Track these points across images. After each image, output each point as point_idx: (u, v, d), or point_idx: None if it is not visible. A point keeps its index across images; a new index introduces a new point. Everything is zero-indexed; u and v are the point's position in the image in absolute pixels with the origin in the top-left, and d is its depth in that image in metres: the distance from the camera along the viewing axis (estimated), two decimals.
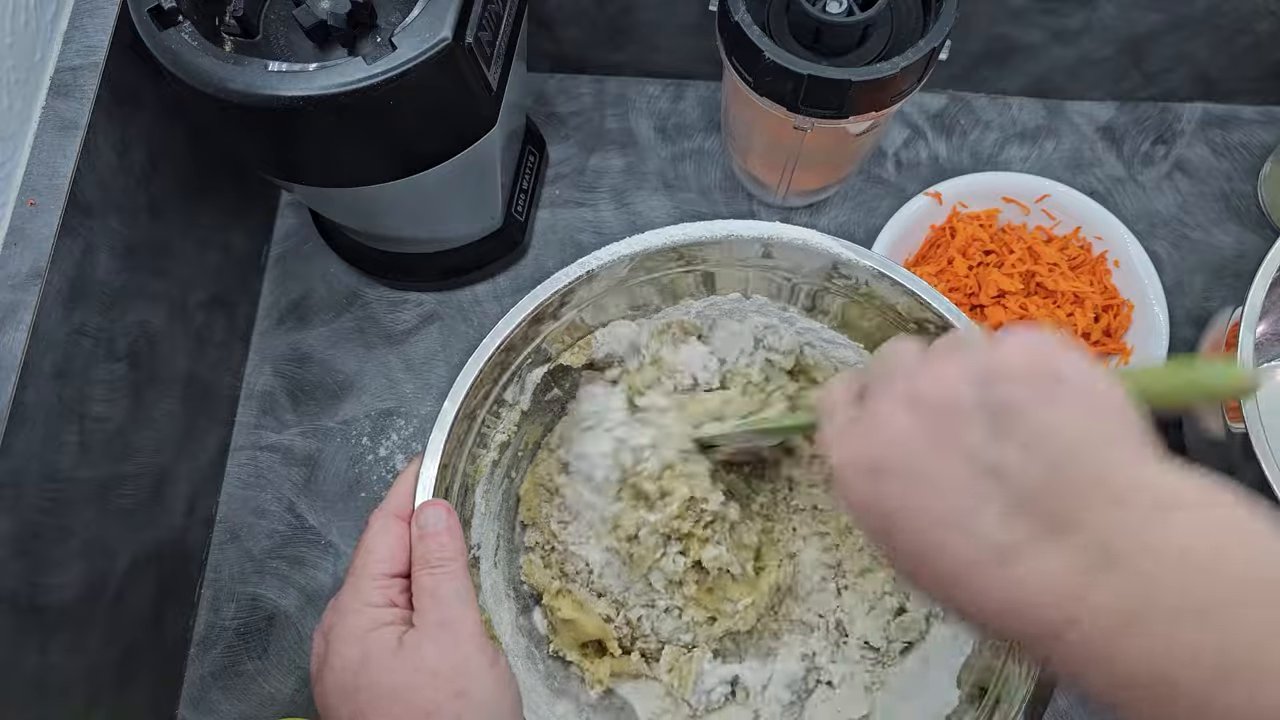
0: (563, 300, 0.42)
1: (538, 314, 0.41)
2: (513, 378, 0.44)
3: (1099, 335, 0.54)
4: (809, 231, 0.42)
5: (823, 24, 0.45)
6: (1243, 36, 0.59)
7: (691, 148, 0.64)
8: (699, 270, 0.45)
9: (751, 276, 0.45)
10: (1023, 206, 0.57)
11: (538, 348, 0.44)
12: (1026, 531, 0.24)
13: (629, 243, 0.42)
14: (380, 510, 0.37)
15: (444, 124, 0.44)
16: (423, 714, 0.31)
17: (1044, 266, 0.54)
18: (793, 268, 0.44)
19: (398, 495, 0.37)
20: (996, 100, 0.65)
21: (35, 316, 0.39)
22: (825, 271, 0.43)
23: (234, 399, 0.58)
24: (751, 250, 0.43)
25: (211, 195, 0.54)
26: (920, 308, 0.41)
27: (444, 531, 0.35)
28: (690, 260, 0.44)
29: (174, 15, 0.39)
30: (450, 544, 0.35)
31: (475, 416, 0.42)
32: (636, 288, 0.45)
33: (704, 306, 0.47)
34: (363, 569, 0.35)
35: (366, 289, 0.60)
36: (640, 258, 0.42)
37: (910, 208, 0.57)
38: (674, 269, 0.44)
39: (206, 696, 0.52)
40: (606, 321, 0.47)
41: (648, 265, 0.43)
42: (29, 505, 0.40)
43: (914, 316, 0.42)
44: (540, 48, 0.62)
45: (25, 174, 0.42)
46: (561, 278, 0.41)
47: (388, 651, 0.32)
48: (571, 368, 0.47)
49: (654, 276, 0.45)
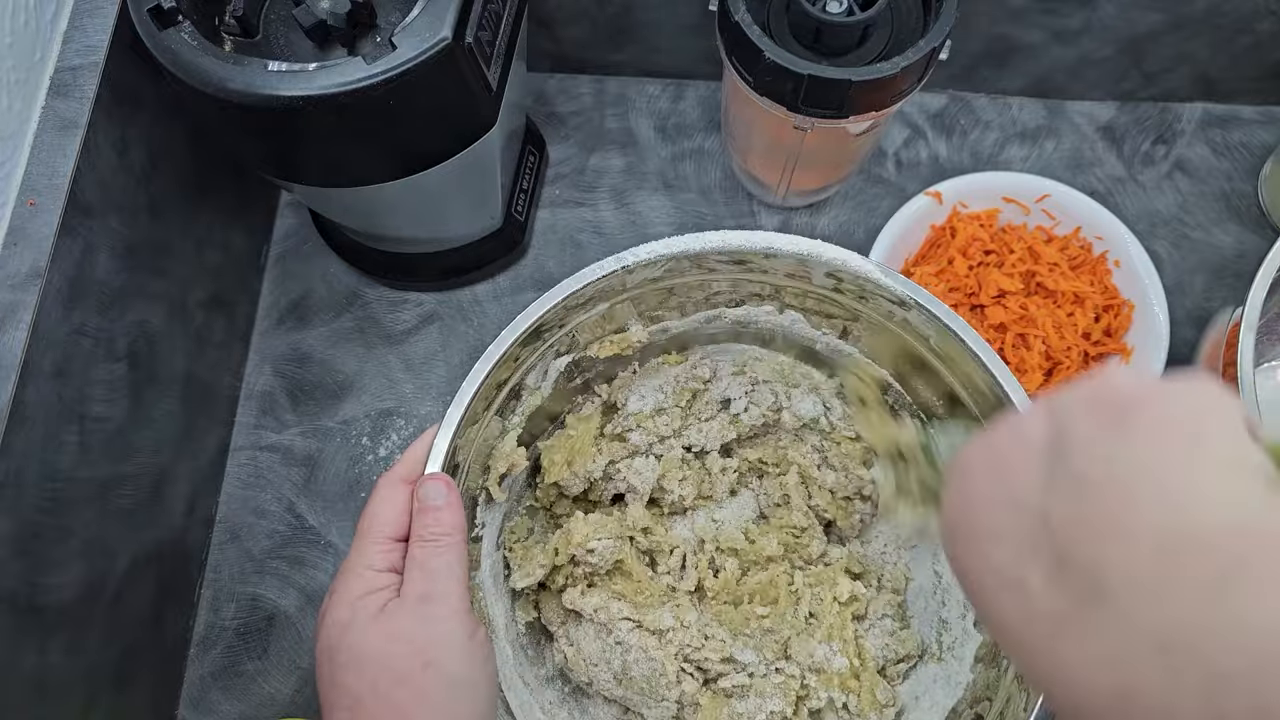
0: (599, 292, 0.41)
1: (568, 302, 0.40)
2: (536, 362, 0.43)
3: (1099, 335, 0.54)
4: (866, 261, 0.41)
5: (823, 24, 0.45)
6: (1243, 36, 0.59)
7: (691, 148, 0.64)
8: (756, 281, 0.44)
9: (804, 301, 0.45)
10: (1023, 206, 0.57)
11: (567, 335, 0.44)
12: (1069, 597, 0.20)
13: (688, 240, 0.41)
14: (389, 475, 0.37)
15: (444, 124, 0.44)
16: (391, 681, 0.31)
17: (1044, 266, 0.54)
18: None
19: (409, 460, 0.37)
20: (996, 100, 0.65)
21: (35, 316, 0.39)
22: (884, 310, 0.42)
23: (234, 399, 0.58)
24: (819, 277, 0.42)
25: (211, 195, 0.54)
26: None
27: (443, 507, 0.36)
28: (750, 268, 0.43)
29: (174, 15, 0.39)
30: (448, 519, 0.35)
31: (491, 400, 0.42)
32: (668, 292, 0.44)
33: (740, 315, 0.47)
34: (366, 531, 0.35)
35: (366, 289, 0.60)
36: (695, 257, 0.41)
37: (910, 207, 0.56)
38: (730, 273, 0.44)
39: (206, 696, 0.52)
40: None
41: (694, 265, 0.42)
42: (29, 505, 0.40)
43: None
44: (540, 48, 0.62)
45: (25, 174, 0.42)
46: (605, 265, 0.40)
47: (369, 617, 0.33)
48: (597, 359, 0.47)
49: (700, 278, 0.44)
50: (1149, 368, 0.52)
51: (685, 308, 0.46)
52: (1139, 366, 0.53)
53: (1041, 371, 0.53)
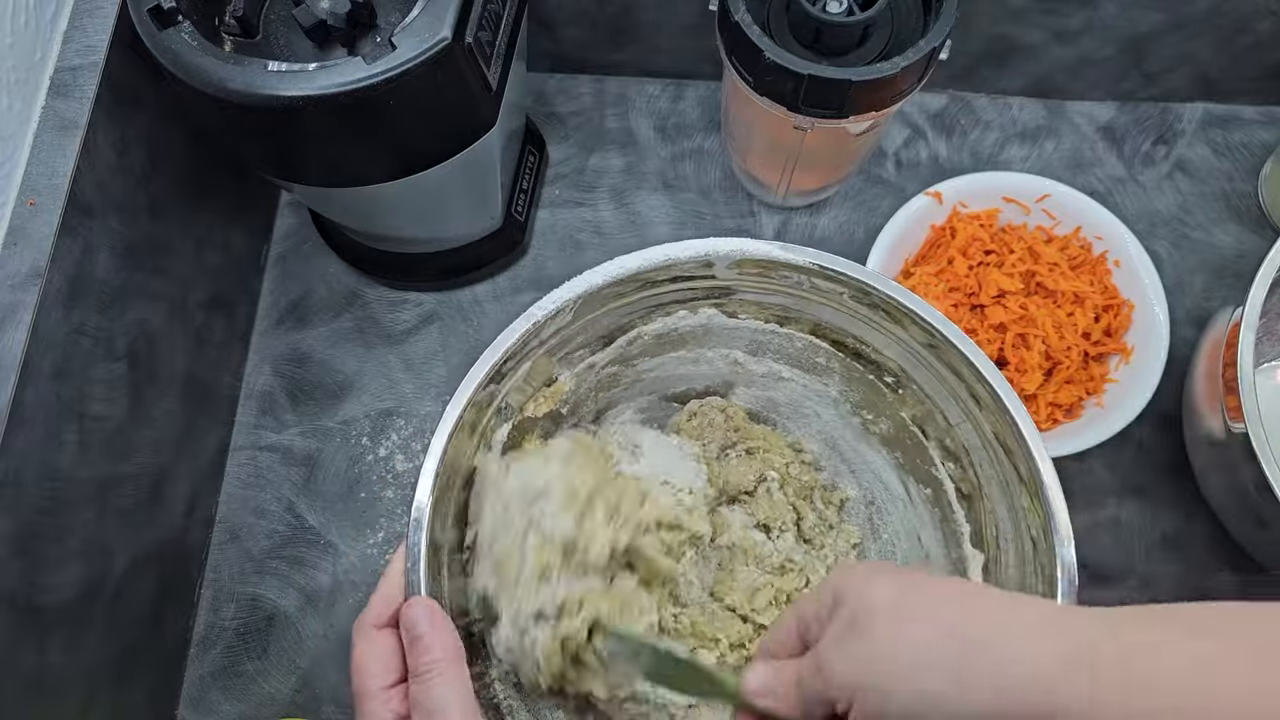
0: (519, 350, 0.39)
1: (493, 374, 0.38)
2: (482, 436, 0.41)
3: (1099, 335, 0.54)
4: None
5: (823, 24, 0.45)
6: (1243, 36, 0.59)
7: (691, 148, 0.64)
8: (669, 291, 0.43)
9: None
10: (1023, 206, 0.57)
11: (499, 406, 0.41)
12: None
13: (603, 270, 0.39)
14: (361, 624, 0.35)
15: (444, 124, 0.44)
16: None
17: (1044, 266, 0.54)
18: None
19: (376, 604, 0.36)
20: (996, 100, 0.65)
21: (35, 316, 0.39)
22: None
23: (234, 399, 0.58)
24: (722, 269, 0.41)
25: (211, 195, 0.54)
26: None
27: (426, 634, 0.34)
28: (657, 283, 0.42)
29: (174, 15, 0.39)
30: (435, 644, 0.34)
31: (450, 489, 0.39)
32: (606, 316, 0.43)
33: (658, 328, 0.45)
34: (363, 690, 0.34)
35: (366, 289, 0.60)
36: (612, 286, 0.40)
37: (910, 207, 0.56)
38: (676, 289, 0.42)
39: (206, 696, 0.52)
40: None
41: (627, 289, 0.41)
42: (28, 505, 0.40)
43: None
44: (540, 48, 0.62)
45: (25, 174, 0.42)
46: (516, 326, 0.38)
47: None
48: (536, 418, 0.43)
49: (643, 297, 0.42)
50: (1149, 367, 0.52)
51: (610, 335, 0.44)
52: (1139, 366, 0.53)
53: (1042, 371, 0.53)
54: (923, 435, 0.45)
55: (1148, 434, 0.56)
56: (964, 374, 0.39)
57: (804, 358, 0.47)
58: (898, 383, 0.44)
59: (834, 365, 0.46)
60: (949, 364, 0.40)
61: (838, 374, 0.46)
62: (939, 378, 0.41)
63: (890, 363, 0.43)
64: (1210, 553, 0.54)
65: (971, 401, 0.40)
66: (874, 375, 0.45)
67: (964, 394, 0.40)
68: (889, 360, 0.43)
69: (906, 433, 0.45)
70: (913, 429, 0.45)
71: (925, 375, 0.42)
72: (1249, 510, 0.46)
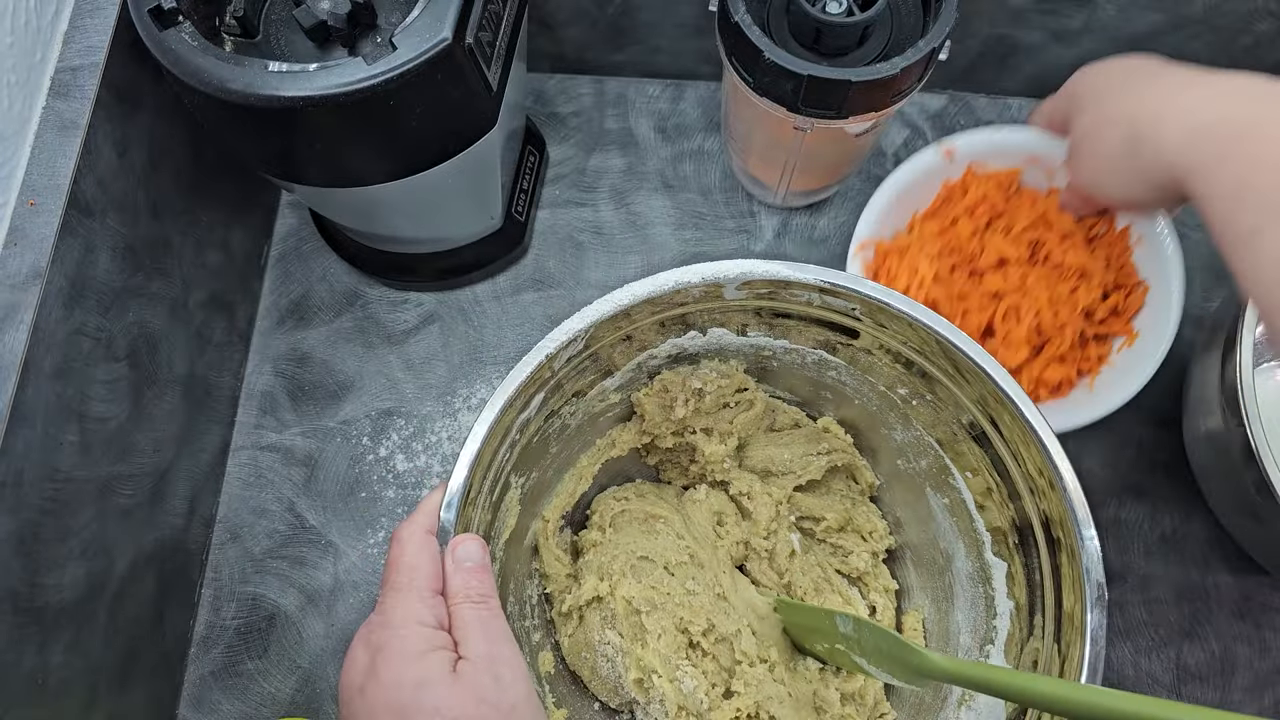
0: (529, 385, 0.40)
1: (507, 407, 0.39)
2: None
3: (1105, 314, 0.51)
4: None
5: (823, 24, 0.45)
6: (1243, 36, 0.59)
7: (691, 148, 0.64)
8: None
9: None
10: (1048, 171, 0.52)
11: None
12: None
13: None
14: (413, 524, 0.36)
15: (444, 124, 0.44)
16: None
17: (1055, 235, 0.50)
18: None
19: (428, 511, 0.36)
20: (996, 100, 0.65)
21: (35, 316, 0.39)
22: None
23: (234, 399, 0.58)
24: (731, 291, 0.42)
25: (211, 195, 0.54)
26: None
27: (484, 568, 0.35)
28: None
29: (174, 15, 0.39)
30: (489, 580, 0.35)
31: (497, 454, 0.40)
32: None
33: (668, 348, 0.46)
34: (410, 585, 0.34)
35: (366, 289, 0.60)
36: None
37: (918, 161, 0.52)
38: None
39: (206, 696, 0.52)
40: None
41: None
42: (29, 505, 0.40)
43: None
44: (540, 48, 0.62)
45: (25, 174, 0.42)
46: (529, 360, 0.39)
47: (446, 678, 0.32)
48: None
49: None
50: (1150, 354, 0.49)
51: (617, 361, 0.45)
52: (1141, 351, 0.50)
53: (1030, 346, 0.49)
54: (939, 447, 0.45)
55: (1148, 434, 0.56)
56: (980, 379, 0.40)
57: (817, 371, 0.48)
58: (911, 395, 0.45)
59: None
60: (958, 367, 0.41)
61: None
62: (954, 380, 0.42)
63: (903, 372, 0.44)
64: (1210, 553, 0.54)
65: (989, 412, 0.41)
66: (885, 387, 0.46)
67: (980, 414, 0.41)
68: (900, 374, 0.44)
69: (924, 444, 0.46)
70: (929, 439, 0.46)
71: (939, 375, 0.42)
72: (1249, 510, 0.46)
